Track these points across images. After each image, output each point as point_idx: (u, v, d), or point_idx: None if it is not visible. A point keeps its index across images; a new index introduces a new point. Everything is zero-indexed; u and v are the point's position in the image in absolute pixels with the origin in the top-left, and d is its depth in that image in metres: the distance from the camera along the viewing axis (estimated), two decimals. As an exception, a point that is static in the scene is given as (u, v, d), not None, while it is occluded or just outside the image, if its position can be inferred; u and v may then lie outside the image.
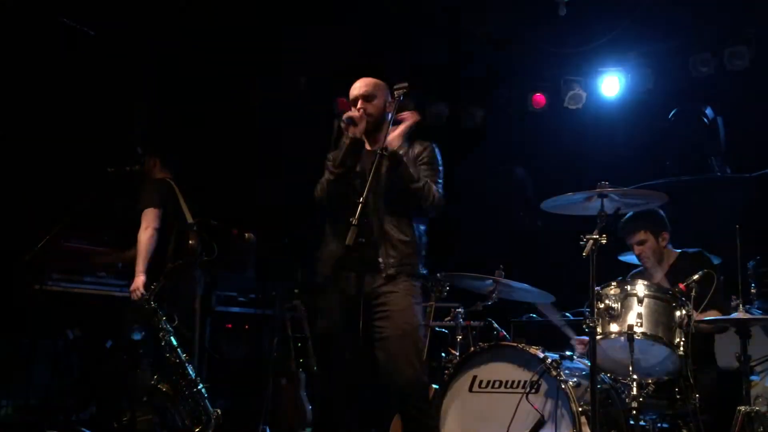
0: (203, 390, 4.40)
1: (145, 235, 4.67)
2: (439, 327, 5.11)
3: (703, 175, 5.90)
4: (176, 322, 4.45)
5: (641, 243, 4.26)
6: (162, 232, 4.73)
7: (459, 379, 4.00)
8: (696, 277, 3.74)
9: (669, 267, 4.25)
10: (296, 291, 5.84)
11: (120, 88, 5.96)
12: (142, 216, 4.72)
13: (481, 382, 3.94)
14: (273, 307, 5.84)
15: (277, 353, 5.66)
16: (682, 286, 3.75)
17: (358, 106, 3.67)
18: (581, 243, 3.50)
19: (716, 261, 4.37)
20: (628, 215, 4.20)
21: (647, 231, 4.24)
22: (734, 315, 3.64)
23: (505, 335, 4.68)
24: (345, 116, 3.61)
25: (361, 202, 3.25)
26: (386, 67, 3.99)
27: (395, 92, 3.58)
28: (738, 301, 3.67)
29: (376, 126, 3.66)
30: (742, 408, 3.51)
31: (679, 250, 4.30)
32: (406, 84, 3.57)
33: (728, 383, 3.86)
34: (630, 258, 4.55)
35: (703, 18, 5.77)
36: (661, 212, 4.26)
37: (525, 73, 6.81)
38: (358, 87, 3.73)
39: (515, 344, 4.04)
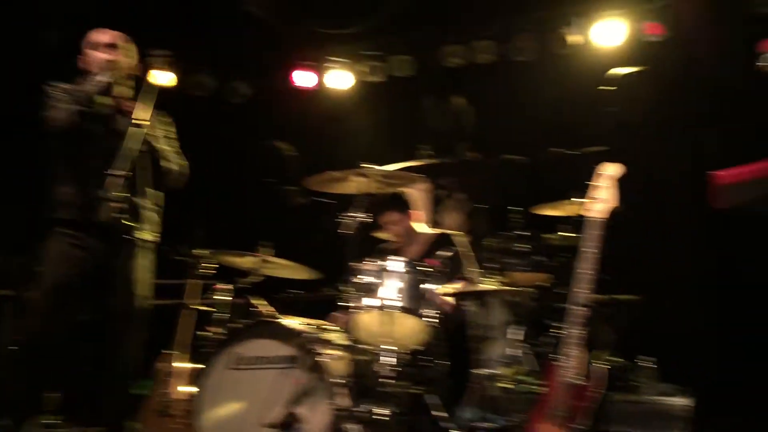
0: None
1: None
2: (201, 305, 4.99)
3: (455, 159, 6.35)
4: None
5: (392, 223, 4.53)
6: None
7: (220, 358, 3.96)
8: (441, 252, 4.05)
9: (423, 245, 4.55)
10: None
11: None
12: None
13: (242, 359, 3.92)
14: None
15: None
16: (431, 261, 4.04)
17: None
18: (341, 221, 3.62)
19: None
20: (378, 197, 4.41)
21: (396, 211, 4.51)
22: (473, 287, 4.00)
23: (267, 312, 4.69)
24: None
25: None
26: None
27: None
28: (475, 274, 4.04)
29: None
30: (478, 371, 3.87)
31: (433, 230, 4.61)
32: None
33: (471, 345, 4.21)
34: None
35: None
36: (408, 194, 4.54)
37: (290, 50, 6.83)
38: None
39: (275, 320, 4.08)
